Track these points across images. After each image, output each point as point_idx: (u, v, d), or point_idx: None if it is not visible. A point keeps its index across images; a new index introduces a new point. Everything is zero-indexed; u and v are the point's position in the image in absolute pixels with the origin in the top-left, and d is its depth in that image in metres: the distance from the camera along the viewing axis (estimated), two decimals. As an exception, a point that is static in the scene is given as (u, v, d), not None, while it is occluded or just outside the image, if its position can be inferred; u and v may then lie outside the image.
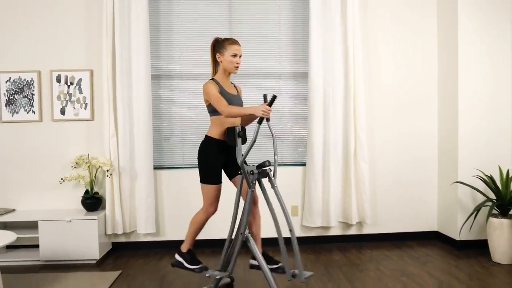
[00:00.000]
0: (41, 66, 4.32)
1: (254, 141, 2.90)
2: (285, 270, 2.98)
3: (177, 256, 3.25)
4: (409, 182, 4.56)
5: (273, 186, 2.97)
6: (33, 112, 4.32)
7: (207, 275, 3.11)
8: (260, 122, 2.89)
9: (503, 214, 3.83)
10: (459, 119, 4.16)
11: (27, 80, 4.30)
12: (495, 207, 3.91)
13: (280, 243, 2.96)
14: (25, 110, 4.31)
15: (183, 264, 3.21)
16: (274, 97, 2.81)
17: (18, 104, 4.31)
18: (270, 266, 3.08)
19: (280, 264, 3.11)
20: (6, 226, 4.30)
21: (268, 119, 3.02)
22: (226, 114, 2.91)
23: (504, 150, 4.21)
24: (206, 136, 3.12)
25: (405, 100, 4.55)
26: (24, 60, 4.31)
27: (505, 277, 3.45)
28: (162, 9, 4.42)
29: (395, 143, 4.55)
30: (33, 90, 4.31)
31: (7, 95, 4.29)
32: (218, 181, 3.11)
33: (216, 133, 3.10)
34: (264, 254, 3.13)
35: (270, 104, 2.82)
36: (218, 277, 3.10)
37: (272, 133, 3.05)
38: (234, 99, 3.11)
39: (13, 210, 4.32)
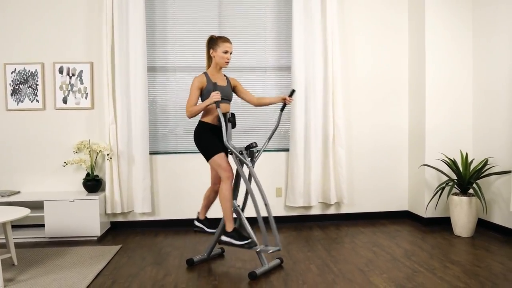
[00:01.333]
0: (45, 58, 4.65)
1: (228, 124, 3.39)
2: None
3: (223, 238, 3.36)
4: (382, 166, 5.02)
5: (250, 166, 3.35)
6: (37, 101, 4.65)
7: (257, 250, 3.24)
8: (217, 106, 3.27)
9: (463, 192, 4.30)
10: (426, 109, 4.62)
11: (32, 71, 4.63)
12: (455, 186, 4.39)
13: (258, 218, 3.32)
14: (30, 99, 4.65)
15: (231, 242, 3.32)
16: (293, 91, 3.56)
17: (23, 94, 4.64)
18: (210, 230, 3.58)
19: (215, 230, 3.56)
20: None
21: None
22: (188, 114, 3.36)
23: (465, 136, 4.70)
24: (200, 121, 3.50)
25: (379, 93, 4.99)
26: (28, 53, 4.64)
27: (463, 247, 3.93)
28: (157, 6, 4.78)
29: (370, 132, 5.00)
30: (37, 81, 4.64)
31: (13, 85, 4.62)
32: (220, 150, 3.38)
33: (208, 119, 3.48)
34: (206, 219, 3.65)
35: (290, 95, 3.53)
36: (270, 251, 3.21)
37: (278, 122, 3.56)
38: (222, 90, 3.48)
39: (18, 192, 4.65)
